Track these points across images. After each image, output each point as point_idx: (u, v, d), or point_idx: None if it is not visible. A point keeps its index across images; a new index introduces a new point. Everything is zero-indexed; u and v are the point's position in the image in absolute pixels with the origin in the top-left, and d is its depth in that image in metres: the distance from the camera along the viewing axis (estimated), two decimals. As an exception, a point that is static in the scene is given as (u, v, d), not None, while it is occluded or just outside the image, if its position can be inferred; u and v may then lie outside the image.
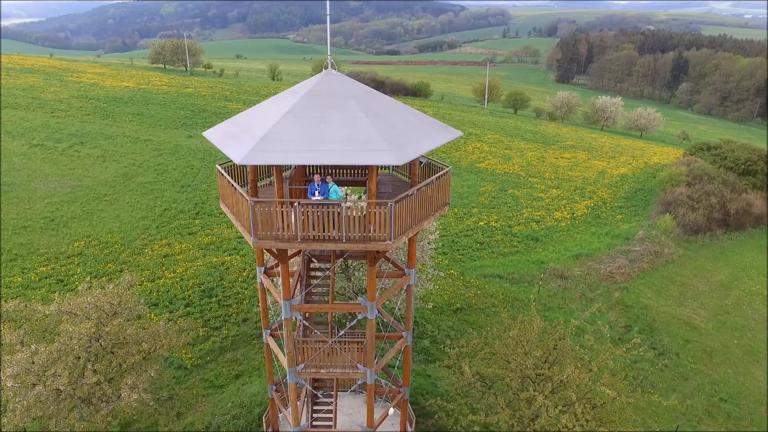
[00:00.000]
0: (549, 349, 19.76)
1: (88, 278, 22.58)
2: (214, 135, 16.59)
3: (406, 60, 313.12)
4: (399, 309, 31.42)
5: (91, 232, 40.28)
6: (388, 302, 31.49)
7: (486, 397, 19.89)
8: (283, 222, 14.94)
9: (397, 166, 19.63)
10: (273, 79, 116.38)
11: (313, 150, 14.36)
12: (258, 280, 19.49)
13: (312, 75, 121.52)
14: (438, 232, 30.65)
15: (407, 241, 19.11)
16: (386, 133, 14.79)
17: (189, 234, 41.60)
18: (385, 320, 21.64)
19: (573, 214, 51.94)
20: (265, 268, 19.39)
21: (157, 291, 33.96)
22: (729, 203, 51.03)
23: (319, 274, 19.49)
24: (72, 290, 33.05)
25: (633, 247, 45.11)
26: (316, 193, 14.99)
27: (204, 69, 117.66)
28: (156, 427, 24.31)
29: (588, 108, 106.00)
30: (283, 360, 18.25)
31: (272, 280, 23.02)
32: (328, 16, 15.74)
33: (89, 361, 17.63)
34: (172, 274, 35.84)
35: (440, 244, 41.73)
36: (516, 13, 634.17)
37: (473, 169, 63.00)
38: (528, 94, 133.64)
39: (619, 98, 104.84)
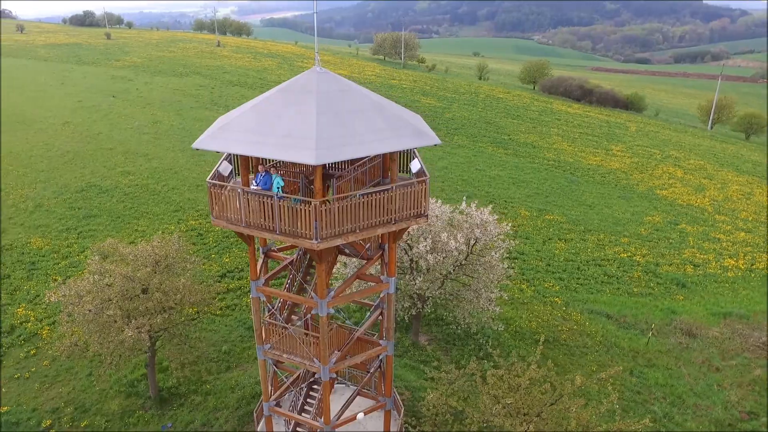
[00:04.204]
0: (531, 404, 17.45)
1: (160, 232, 26.29)
2: (220, 119, 18.22)
3: (653, 70, 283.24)
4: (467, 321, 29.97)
5: (242, 198, 46.11)
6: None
7: (452, 428, 18.45)
8: (239, 207, 15.95)
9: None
10: (479, 78, 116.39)
11: (253, 142, 14.99)
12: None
13: (519, 76, 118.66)
14: (504, 250, 28.23)
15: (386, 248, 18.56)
16: (327, 133, 14.68)
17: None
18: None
19: (752, 264, 42.78)
20: (269, 250, 20.63)
21: (267, 258, 37.69)
22: None
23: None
24: (205, 244, 38.78)
25: (816, 321, 35.60)
26: (253, 182, 15.60)
27: (417, 63, 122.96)
28: (206, 374, 27.58)
29: None
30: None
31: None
32: (314, 14, 16.04)
33: (117, 296, 20.98)
34: (286, 246, 39.33)
35: (516, 266, 38.13)
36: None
37: (650, 195, 55.65)
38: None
39: None
